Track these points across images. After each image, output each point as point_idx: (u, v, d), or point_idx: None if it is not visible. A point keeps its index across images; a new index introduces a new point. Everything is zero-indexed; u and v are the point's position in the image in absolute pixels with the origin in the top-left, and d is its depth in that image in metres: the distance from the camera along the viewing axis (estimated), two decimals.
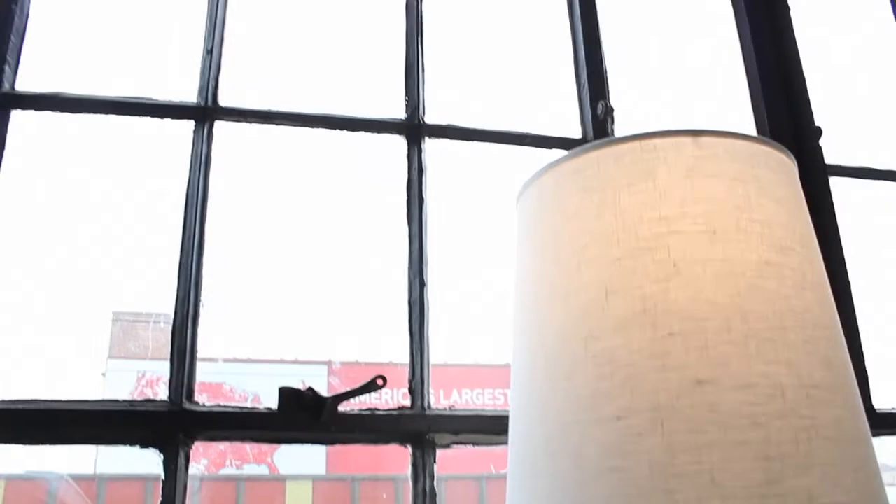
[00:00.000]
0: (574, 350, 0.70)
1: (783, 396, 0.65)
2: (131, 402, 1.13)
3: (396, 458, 1.20)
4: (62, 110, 1.24)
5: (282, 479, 10.78)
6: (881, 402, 1.41)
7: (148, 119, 1.27)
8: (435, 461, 1.16)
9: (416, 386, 1.18)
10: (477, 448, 1.29)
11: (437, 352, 1.24)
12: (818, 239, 0.81)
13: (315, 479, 10.72)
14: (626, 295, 0.69)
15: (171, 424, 1.11)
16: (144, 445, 1.13)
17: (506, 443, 0.80)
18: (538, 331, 0.75)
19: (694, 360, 0.65)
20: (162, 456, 1.11)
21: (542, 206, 0.79)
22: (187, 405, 1.13)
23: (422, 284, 1.23)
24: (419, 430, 1.16)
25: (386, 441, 1.17)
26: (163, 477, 1.11)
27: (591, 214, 0.73)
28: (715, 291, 0.68)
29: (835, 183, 1.51)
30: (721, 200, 0.72)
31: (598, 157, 0.76)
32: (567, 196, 0.76)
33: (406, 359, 1.21)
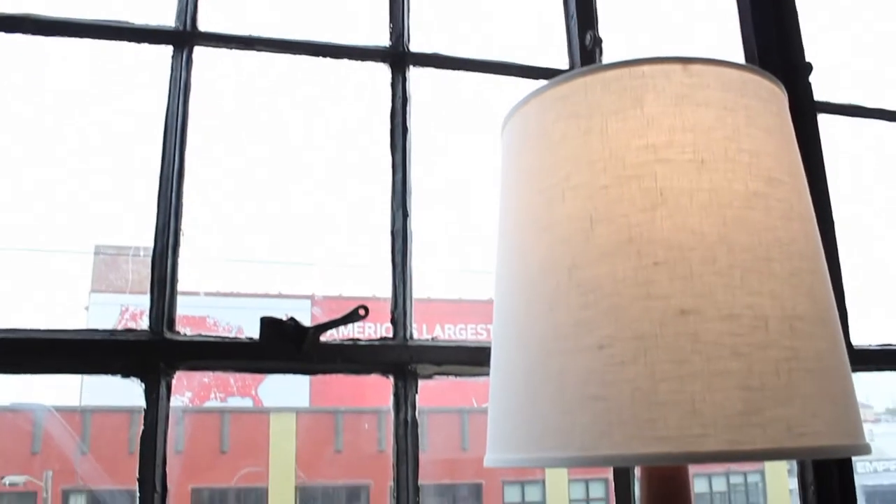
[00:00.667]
0: (558, 279, 0.69)
1: (766, 328, 0.65)
2: (112, 332, 1.12)
3: (379, 391, 1.21)
4: (35, 33, 1.20)
5: (266, 412, 10.91)
6: (859, 339, 1.43)
7: (125, 44, 1.23)
8: (417, 392, 1.16)
9: (399, 317, 1.17)
10: (459, 380, 1.30)
11: (421, 286, 1.23)
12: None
13: (299, 412, 10.86)
14: (611, 223, 0.68)
15: (152, 354, 1.11)
16: (126, 375, 1.13)
17: (488, 374, 0.80)
18: (522, 260, 0.74)
19: (678, 290, 0.65)
20: (143, 385, 1.11)
21: (527, 133, 0.78)
22: (168, 334, 1.12)
23: (405, 215, 1.21)
24: (401, 360, 1.16)
25: (368, 371, 1.17)
26: (144, 406, 1.10)
27: (577, 142, 0.72)
28: (701, 221, 0.67)
29: (822, 120, 1.50)
30: (709, 129, 0.71)
31: (584, 84, 0.74)
32: (552, 123, 0.75)
33: (389, 293, 1.20)
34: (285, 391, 11.09)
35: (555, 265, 0.70)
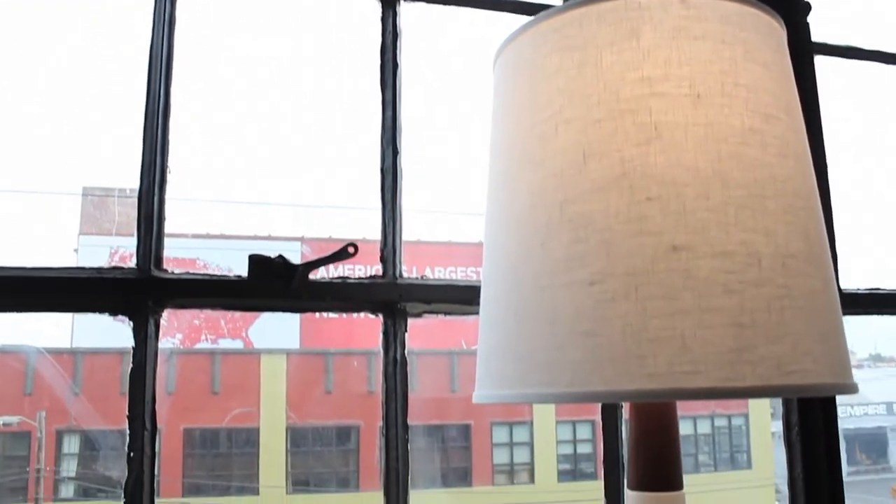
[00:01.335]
0: (549, 214, 0.68)
1: (759, 265, 0.65)
2: (99, 270, 1.11)
3: (369, 333, 1.20)
4: None
5: (256, 353, 10.98)
6: (847, 283, 1.43)
7: None
8: (406, 330, 1.16)
9: (388, 255, 1.17)
10: (448, 320, 1.30)
11: (411, 229, 1.22)
12: None
13: (289, 353, 10.94)
14: (604, 158, 0.67)
15: (139, 292, 1.10)
16: (113, 313, 1.12)
17: (477, 313, 0.79)
18: (513, 195, 0.73)
19: (671, 226, 0.64)
20: (132, 324, 1.10)
21: (520, 66, 0.76)
22: (156, 272, 1.11)
23: (395, 152, 1.20)
24: (390, 298, 1.15)
25: (357, 310, 1.16)
26: (133, 345, 1.10)
27: (571, 74, 0.70)
28: (696, 156, 0.66)
29: (819, 61, 1.48)
30: (706, 63, 0.69)
31: (579, 16, 0.72)
32: (546, 56, 0.73)
33: (378, 234, 1.19)
34: (276, 333, 11.16)
35: (546, 200, 0.69)
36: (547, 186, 0.69)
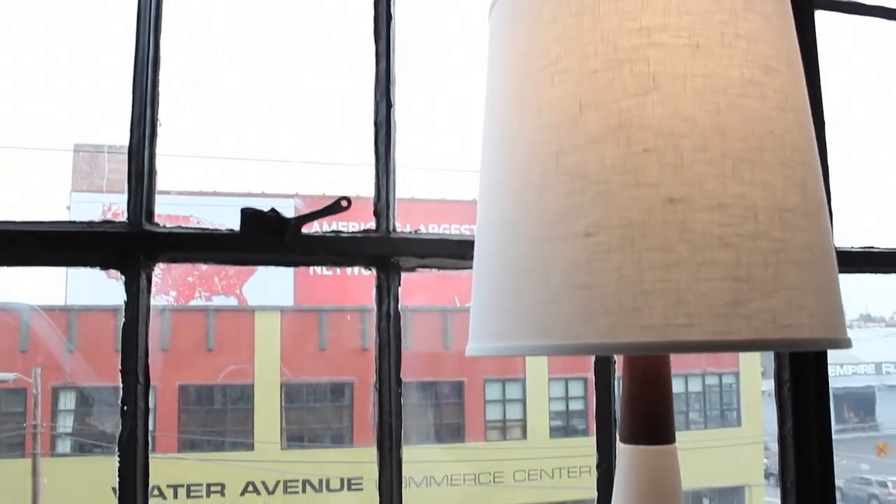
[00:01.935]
0: (545, 165, 0.67)
1: (756, 218, 0.64)
2: (90, 224, 1.11)
3: (363, 291, 1.20)
4: None
5: (250, 310, 11.01)
6: (840, 241, 1.43)
7: None
8: (400, 284, 1.15)
9: (382, 209, 1.15)
10: (442, 275, 1.29)
11: (404, 186, 1.20)
12: None
13: (283, 310, 10.96)
14: (600, 109, 0.66)
15: (131, 246, 1.09)
16: (105, 267, 1.11)
17: (471, 267, 0.79)
18: (508, 147, 0.72)
19: (668, 178, 0.63)
20: (123, 278, 1.10)
21: (516, 15, 0.74)
22: (147, 226, 1.10)
23: (388, 105, 1.18)
24: (384, 252, 1.14)
25: (350, 264, 1.16)
26: (125, 299, 1.09)
27: (568, 24, 0.69)
28: (694, 108, 0.65)
29: (819, 17, 1.46)
30: (706, 13, 0.68)
31: None
32: (542, 4, 0.71)
33: (372, 187, 1.18)
34: (270, 290, 11.17)
35: (542, 151, 0.68)
36: (542, 138, 0.68)
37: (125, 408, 1.08)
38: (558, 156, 0.66)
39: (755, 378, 12.32)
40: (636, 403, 0.76)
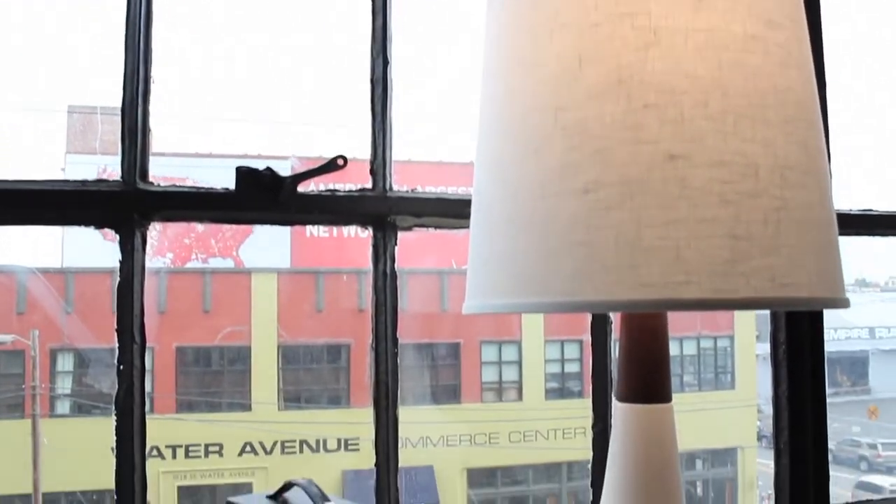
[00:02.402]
0: (543, 121, 0.66)
1: (756, 176, 0.63)
2: (83, 183, 1.10)
3: (360, 254, 1.19)
4: None
5: (247, 272, 11.01)
6: (838, 204, 1.42)
7: None
8: (396, 244, 1.14)
9: (378, 168, 1.14)
10: (439, 237, 1.28)
11: (401, 147, 1.19)
12: None
13: (280, 272, 10.97)
14: (600, 64, 0.64)
15: (125, 204, 1.08)
16: (99, 226, 1.10)
17: (468, 227, 0.78)
18: (506, 103, 0.71)
19: (668, 134, 0.62)
20: (118, 237, 1.09)
21: None
22: (141, 185, 1.09)
23: (385, 62, 1.16)
24: (380, 211, 1.13)
25: (346, 223, 1.15)
26: (119, 258, 1.09)
27: None
28: (695, 63, 0.64)
29: None
30: None
31: None
32: None
33: (368, 145, 1.17)
34: (266, 252, 11.17)
35: (541, 107, 0.67)
36: (541, 93, 0.67)
37: (121, 367, 1.08)
38: (557, 112, 0.65)
39: (750, 341, 12.39)
40: (633, 362, 0.76)
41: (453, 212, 1.15)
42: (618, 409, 0.77)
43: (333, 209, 1.12)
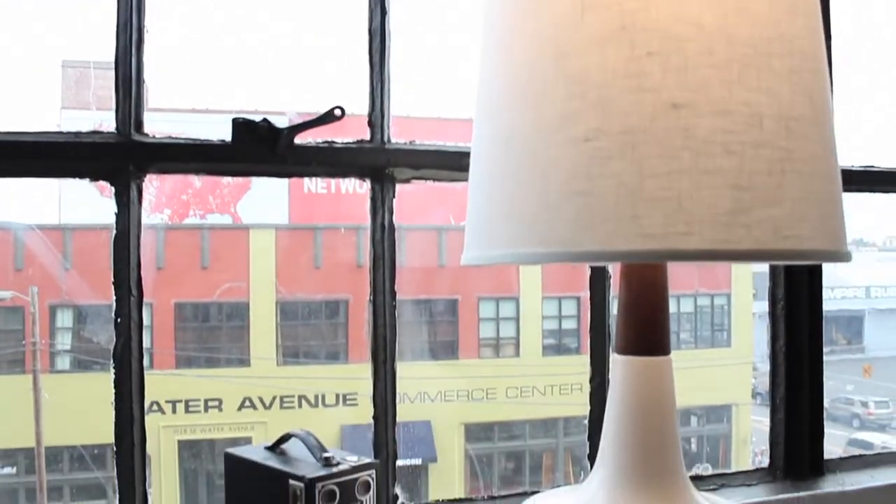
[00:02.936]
0: (544, 69, 0.65)
1: (761, 126, 0.62)
2: (77, 134, 1.08)
3: (358, 210, 1.18)
4: None
5: (245, 228, 10.99)
6: (840, 159, 1.40)
7: None
8: (394, 196, 1.13)
9: (376, 119, 1.13)
10: (437, 191, 1.27)
11: (399, 104, 1.17)
12: None
13: (278, 228, 10.95)
14: (603, 10, 0.63)
15: (120, 156, 1.07)
16: (94, 178, 1.09)
17: (467, 179, 0.77)
18: (506, 51, 0.69)
19: (671, 83, 0.61)
20: (113, 189, 1.08)
21: None
22: (136, 136, 1.08)
23: (383, 12, 1.14)
24: (378, 164, 1.12)
25: (344, 175, 1.13)
26: (115, 210, 1.08)
27: None
28: (700, 10, 0.62)
29: None
30: None
31: None
32: None
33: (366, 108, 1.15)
34: (264, 208, 11.13)
35: (541, 55, 0.65)
36: (542, 41, 0.66)
37: (119, 320, 1.08)
38: (558, 59, 0.64)
39: (747, 299, 12.44)
40: (632, 314, 0.76)
41: (452, 164, 1.14)
42: (617, 361, 0.77)
43: (331, 161, 1.11)
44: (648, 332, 0.75)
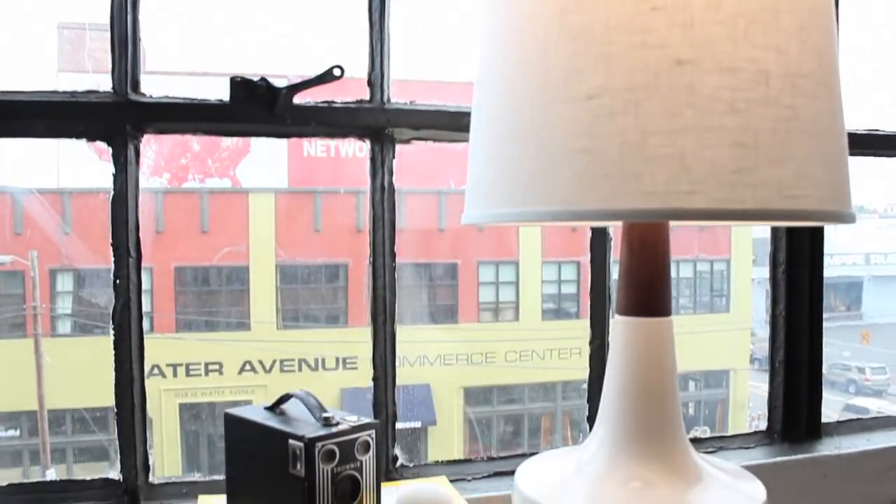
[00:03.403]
0: (547, 25, 0.63)
1: (767, 84, 0.61)
2: (73, 94, 1.07)
3: (358, 174, 1.17)
4: None
5: (244, 192, 10.95)
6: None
7: None
8: (394, 157, 1.13)
9: (376, 79, 1.12)
10: (438, 152, 1.26)
11: (398, 67, 1.16)
12: None
13: (278, 192, 10.91)
14: None
15: (116, 116, 1.06)
16: (91, 139, 1.08)
17: (468, 140, 0.76)
18: (508, 7, 0.68)
19: (676, 39, 0.60)
20: (111, 150, 1.07)
21: None
22: (133, 96, 1.07)
23: None
24: (378, 123, 1.11)
25: (343, 135, 1.12)
26: (113, 170, 1.07)
27: None
28: None
29: None
30: None
31: None
32: None
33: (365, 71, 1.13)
34: (263, 172, 11.08)
35: (544, 10, 0.64)
36: None
37: (118, 282, 1.08)
38: (561, 15, 0.63)
39: (746, 265, 12.44)
40: (633, 274, 0.75)
41: (453, 124, 1.13)
42: (617, 322, 0.76)
43: (330, 121, 1.10)
44: (650, 292, 0.74)
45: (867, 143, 1.46)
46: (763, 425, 1.42)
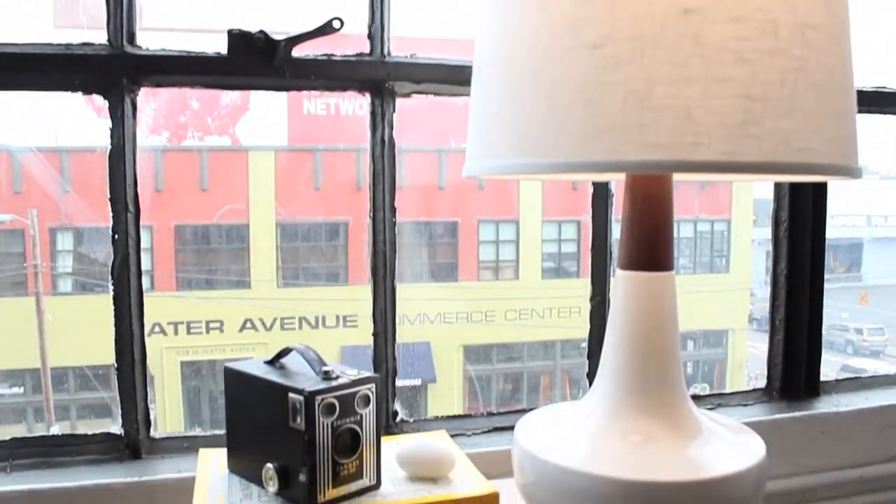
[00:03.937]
0: None
1: (776, 34, 0.60)
2: (67, 46, 1.05)
3: (359, 131, 1.16)
4: None
5: (244, 150, 10.90)
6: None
7: None
8: (395, 111, 1.11)
9: (376, 31, 1.10)
10: (438, 106, 1.24)
11: (399, 24, 1.14)
12: None
13: (277, 150, 10.86)
14: None
15: (112, 68, 1.04)
16: (87, 92, 1.07)
17: (468, 94, 0.75)
18: None
19: None
20: (107, 103, 1.06)
21: None
22: (129, 48, 1.05)
23: None
24: (378, 77, 1.10)
25: (343, 88, 1.11)
26: (110, 124, 1.06)
27: None
28: None
29: None
30: None
31: None
32: None
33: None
34: (263, 130, 11.01)
35: None
36: None
37: (116, 237, 1.07)
38: None
39: (747, 225, 12.43)
40: (635, 228, 0.74)
41: (454, 78, 1.11)
42: (619, 277, 0.76)
43: (330, 74, 1.08)
44: (652, 246, 0.74)
45: (874, 101, 1.44)
46: (761, 384, 1.43)
